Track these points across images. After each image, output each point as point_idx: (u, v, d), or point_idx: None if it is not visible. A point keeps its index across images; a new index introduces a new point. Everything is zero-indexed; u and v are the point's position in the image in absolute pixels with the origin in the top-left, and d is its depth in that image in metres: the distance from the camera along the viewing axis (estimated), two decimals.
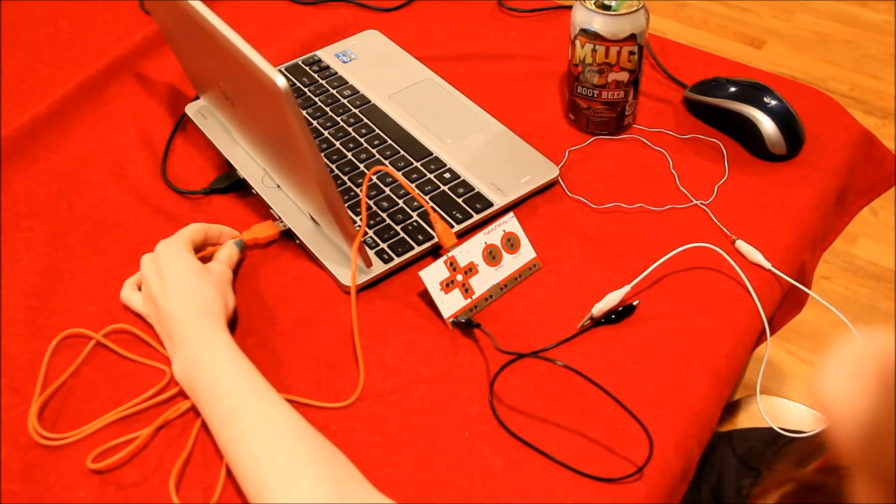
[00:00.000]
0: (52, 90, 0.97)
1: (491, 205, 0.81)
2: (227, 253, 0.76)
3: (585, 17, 0.81)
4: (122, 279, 0.77)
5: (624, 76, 0.84)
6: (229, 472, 0.63)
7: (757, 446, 0.85)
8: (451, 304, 0.72)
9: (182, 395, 0.69)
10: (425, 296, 0.74)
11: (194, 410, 0.67)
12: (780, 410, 0.96)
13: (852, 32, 2.30)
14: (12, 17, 1.11)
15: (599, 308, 0.72)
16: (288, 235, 0.81)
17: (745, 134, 0.86)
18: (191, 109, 0.92)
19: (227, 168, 0.87)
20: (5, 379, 0.70)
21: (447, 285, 0.72)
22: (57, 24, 1.09)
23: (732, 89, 0.87)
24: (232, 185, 0.85)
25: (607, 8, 0.80)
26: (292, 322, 0.74)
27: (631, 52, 0.82)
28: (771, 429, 0.91)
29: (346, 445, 0.65)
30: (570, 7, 0.83)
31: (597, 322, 0.72)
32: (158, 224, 0.83)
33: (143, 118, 0.94)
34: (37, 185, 0.87)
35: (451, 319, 0.72)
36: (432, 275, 0.71)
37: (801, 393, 1.54)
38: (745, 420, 0.96)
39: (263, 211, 0.83)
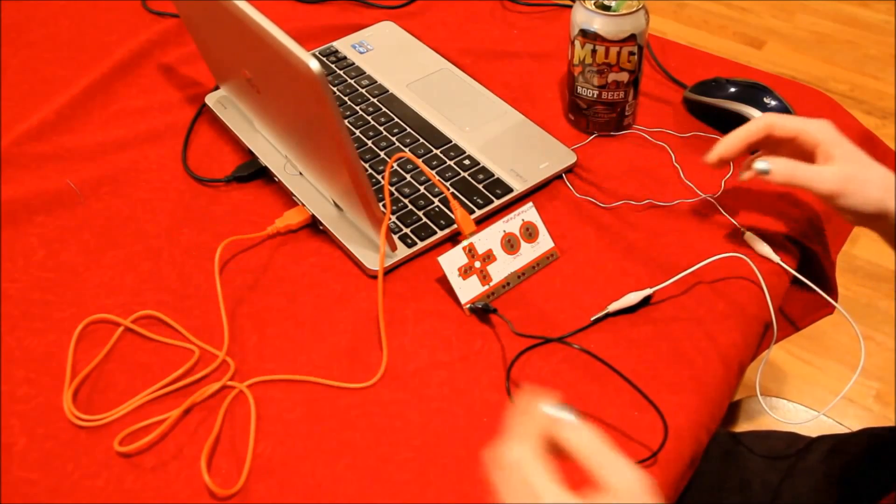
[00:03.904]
0: (54, 90, 0.98)
1: (511, 190, 0.83)
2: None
3: (585, 17, 0.81)
4: (138, 271, 0.78)
5: (624, 76, 0.84)
6: (255, 456, 0.64)
7: (777, 445, 0.86)
8: (468, 291, 0.73)
9: (209, 377, 0.70)
10: (444, 281, 0.76)
11: (221, 394, 0.69)
12: (779, 411, 0.97)
13: (852, 32, 2.32)
14: (13, 16, 1.11)
15: (616, 306, 0.73)
16: (311, 222, 0.82)
17: None
18: (210, 99, 0.94)
19: (245, 159, 0.89)
20: (23, 371, 0.71)
21: (465, 271, 0.73)
22: (58, 23, 1.10)
23: (732, 90, 0.88)
24: (254, 173, 0.86)
25: (607, 8, 0.80)
26: (314, 307, 0.75)
27: (631, 53, 0.82)
28: (783, 429, 0.92)
29: (366, 430, 0.66)
30: (571, 6, 0.84)
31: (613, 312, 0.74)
32: (177, 216, 0.84)
33: (154, 115, 0.95)
34: (47, 182, 0.87)
35: (469, 305, 0.73)
36: (450, 261, 0.73)
37: (801, 393, 1.55)
38: (745, 420, 0.97)
39: (285, 199, 0.85)
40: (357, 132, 0.90)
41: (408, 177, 0.84)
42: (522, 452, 0.46)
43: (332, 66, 0.99)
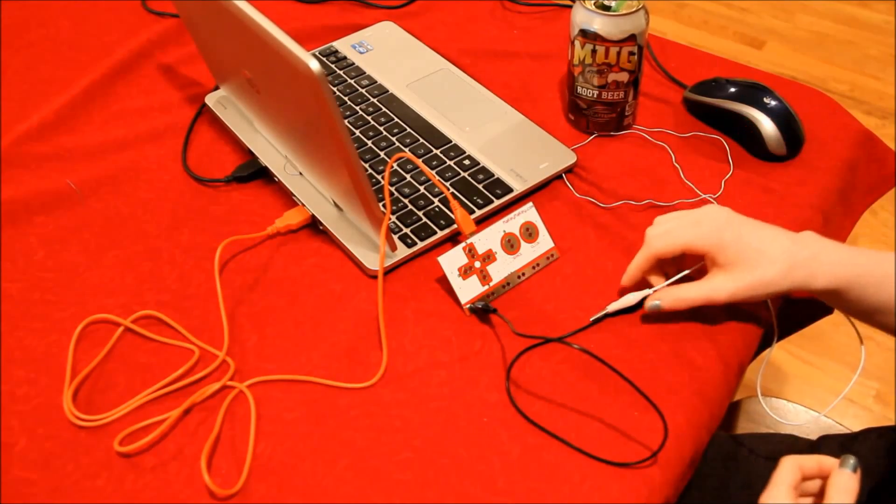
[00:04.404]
0: (54, 90, 0.98)
1: (511, 190, 0.83)
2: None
3: (585, 17, 0.81)
4: (138, 271, 0.79)
5: (624, 77, 0.84)
6: (255, 456, 0.64)
7: (780, 446, 0.86)
8: (468, 291, 0.73)
9: (209, 377, 0.70)
10: (443, 281, 0.76)
11: (221, 394, 0.69)
12: (779, 412, 0.97)
13: (852, 32, 2.32)
14: (13, 16, 1.11)
15: (615, 306, 0.73)
16: (311, 222, 0.82)
17: (745, 134, 0.87)
18: (210, 99, 0.94)
19: (245, 159, 0.89)
20: (23, 371, 0.72)
21: (465, 271, 0.73)
22: (58, 23, 1.10)
23: (732, 90, 0.88)
24: (253, 173, 0.86)
25: (607, 8, 0.80)
26: (314, 307, 0.75)
27: (631, 53, 0.82)
28: (784, 430, 0.91)
29: (366, 430, 0.66)
30: (571, 6, 0.84)
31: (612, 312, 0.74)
32: (177, 216, 0.84)
33: (154, 115, 0.95)
34: (47, 182, 0.87)
35: (469, 305, 0.73)
36: (450, 261, 0.73)
37: (802, 393, 1.55)
38: (746, 420, 0.97)
39: (285, 199, 0.85)
40: (357, 132, 0.90)
41: (408, 177, 0.84)
42: None
43: (332, 66, 0.99)
